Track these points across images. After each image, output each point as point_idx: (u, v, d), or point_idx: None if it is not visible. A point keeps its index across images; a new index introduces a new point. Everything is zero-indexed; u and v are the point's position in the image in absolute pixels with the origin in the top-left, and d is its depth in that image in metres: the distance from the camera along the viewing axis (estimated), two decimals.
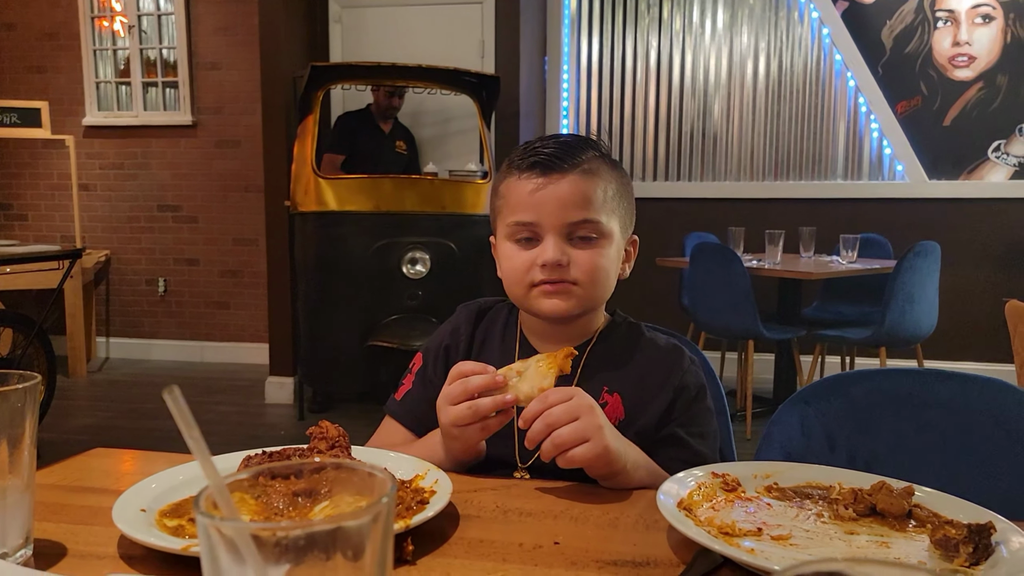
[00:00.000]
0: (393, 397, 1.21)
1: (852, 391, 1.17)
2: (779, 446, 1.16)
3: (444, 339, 1.21)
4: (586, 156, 1.10)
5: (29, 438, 0.72)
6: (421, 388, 1.18)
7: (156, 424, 4.10)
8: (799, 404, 1.18)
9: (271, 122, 4.52)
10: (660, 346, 1.16)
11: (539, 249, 1.08)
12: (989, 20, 4.80)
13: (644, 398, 1.10)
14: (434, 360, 1.20)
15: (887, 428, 1.15)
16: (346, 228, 4.01)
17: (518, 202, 1.10)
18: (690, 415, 1.11)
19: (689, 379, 1.12)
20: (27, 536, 0.73)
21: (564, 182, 1.07)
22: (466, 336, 1.20)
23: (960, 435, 1.11)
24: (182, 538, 0.74)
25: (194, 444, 0.42)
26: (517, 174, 1.10)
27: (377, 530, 0.43)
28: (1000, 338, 2.85)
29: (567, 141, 1.11)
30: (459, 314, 1.24)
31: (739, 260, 3.83)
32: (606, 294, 1.13)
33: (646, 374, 1.12)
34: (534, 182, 1.08)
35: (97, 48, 5.70)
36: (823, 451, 1.15)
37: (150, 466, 0.94)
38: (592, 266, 1.08)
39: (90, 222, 5.76)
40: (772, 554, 0.72)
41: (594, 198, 1.08)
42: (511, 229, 1.11)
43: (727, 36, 5.15)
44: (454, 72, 4.22)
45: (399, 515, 0.77)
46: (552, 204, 1.07)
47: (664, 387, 1.11)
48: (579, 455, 0.90)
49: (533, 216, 1.08)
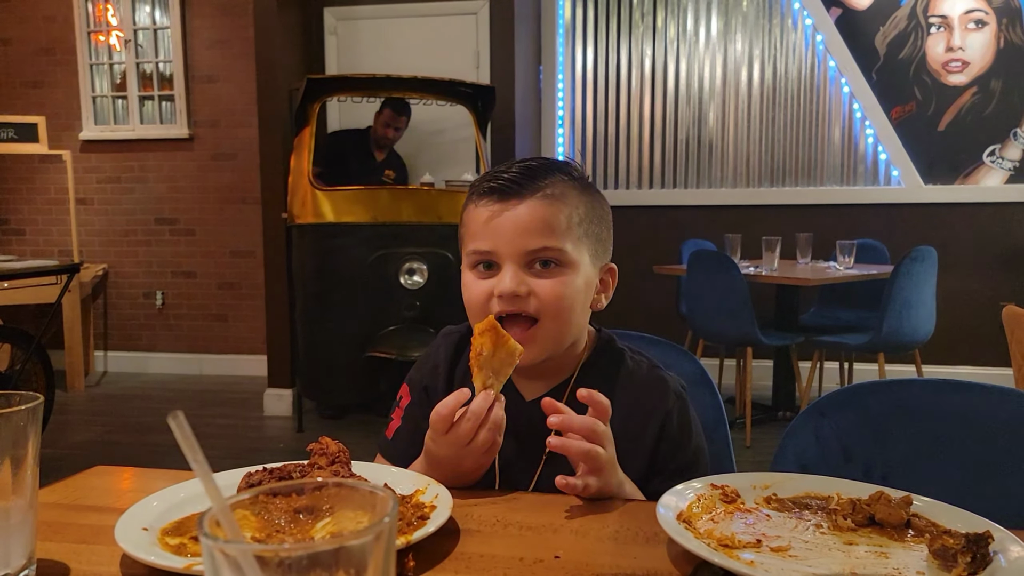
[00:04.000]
0: (384, 435, 1.17)
1: (868, 402, 1.16)
2: (794, 458, 1.15)
3: (425, 377, 1.17)
4: (549, 180, 1.04)
5: (32, 458, 0.72)
6: (410, 426, 1.13)
7: (155, 438, 4.09)
8: (814, 415, 1.16)
9: (267, 134, 4.53)
10: (642, 381, 1.10)
11: (496, 279, 1.02)
12: (982, 25, 4.83)
13: (628, 439, 1.03)
14: (419, 399, 1.15)
15: (903, 439, 1.13)
16: (343, 239, 4.02)
17: (476, 230, 1.05)
18: (677, 464, 1.05)
19: (674, 421, 1.07)
20: (30, 556, 0.74)
21: (522, 207, 1.02)
22: (444, 375, 1.15)
23: (977, 446, 1.10)
24: (184, 556, 0.74)
25: (198, 468, 0.42)
26: (476, 200, 1.06)
27: (380, 548, 0.43)
28: (998, 342, 2.86)
29: (530, 165, 1.06)
30: (438, 346, 1.19)
31: (736, 267, 3.84)
32: (573, 328, 1.06)
33: (627, 417, 1.04)
34: (490, 209, 1.03)
35: (93, 62, 5.71)
36: (838, 463, 1.14)
37: (151, 484, 0.94)
38: (553, 296, 1.01)
39: (87, 236, 5.76)
40: (772, 566, 0.73)
41: (556, 224, 1.02)
42: (470, 258, 1.06)
43: (721, 43, 5.18)
44: (449, 83, 4.23)
45: (400, 531, 0.77)
46: (509, 231, 1.02)
47: (646, 433, 1.06)
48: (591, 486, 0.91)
49: (490, 244, 1.03)
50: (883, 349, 3.84)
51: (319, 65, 5.07)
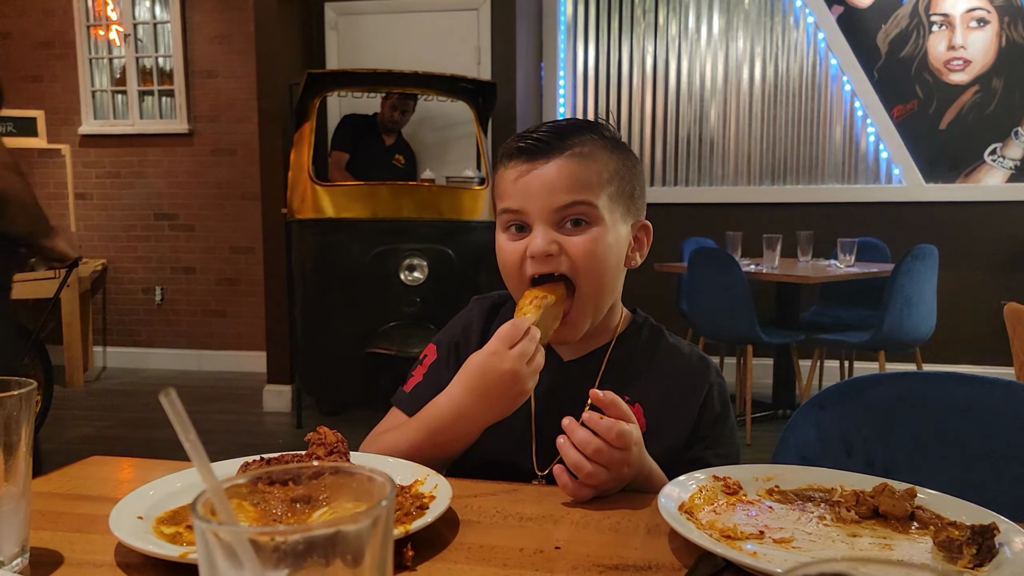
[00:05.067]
0: (402, 389, 1.17)
1: (869, 395, 1.15)
2: (795, 451, 1.14)
3: (456, 335, 1.18)
4: (578, 139, 1.04)
5: (25, 445, 0.71)
6: (431, 382, 1.13)
7: (154, 434, 4.08)
8: (815, 409, 1.16)
9: (267, 130, 4.52)
10: (685, 355, 1.12)
11: (528, 239, 1.03)
12: (984, 24, 4.82)
13: (668, 412, 1.06)
14: (446, 355, 1.16)
15: (905, 432, 1.12)
16: (343, 235, 4.00)
17: (505, 189, 1.06)
18: (717, 435, 1.08)
19: (715, 395, 1.09)
20: (23, 544, 0.73)
21: (551, 165, 1.02)
22: (477, 333, 1.16)
23: (980, 439, 1.09)
24: (179, 545, 0.73)
25: (191, 447, 0.41)
26: (505, 162, 1.07)
27: (377, 535, 0.42)
28: (999, 341, 2.85)
29: (559, 125, 1.07)
30: (472, 308, 1.21)
31: (737, 265, 3.82)
32: (609, 286, 1.06)
33: (671, 386, 1.08)
34: (519, 169, 1.04)
35: (93, 57, 5.70)
36: (840, 456, 1.13)
37: (147, 474, 0.93)
38: (585, 252, 1.02)
39: (86, 231, 5.75)
40: (774, 557, 0.72)
41: (584, 181, 1.02)
42: (501, 219, 1.07)
43: (723, 41, 5.16)
44: (450, 79, 4.22)
45: (398, 521, 0.76)
46: (538, 189, 1.02)
47: (690, 402, 1.07)
48: (584, 496, 0.90)
49: (519, 203, 1.04)
50: (884, 347, 3.83)
51: (319, 60, 5.06)
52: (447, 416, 0.99)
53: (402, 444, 1.00)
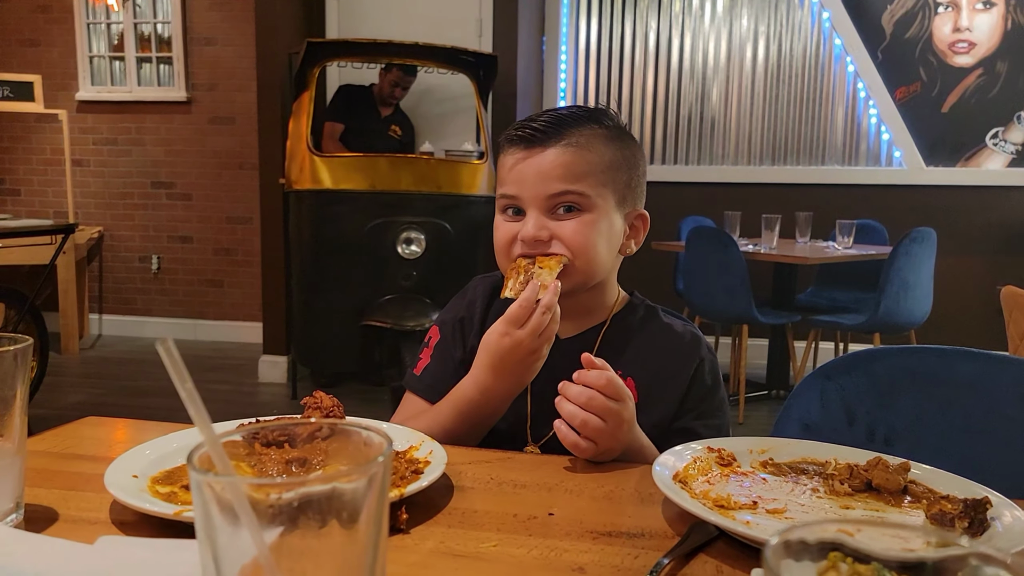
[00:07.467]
0: (412, 372, 1.20)
1: (874, 367, 1.16)
2: (797, 419, 1.16)
3: (459, 312, 1.21)
4: (576, 130, 1.08)
5: (20, 401, 0.71)
6: (440, 361, 1.18)
7: (149, 401, 4.09)
8: (820, 378, 1.17)
9: (266, 99, 4.48)
10: (678, 332, 1.15)
11: (521, 223, 1.08)
12: (990, 6, 4.78)
13: (660, 385, 1.10)
14: (451, 333, 1.19)
15: (908, 405, 1.14)
16: (341, 207, 3.99)
17: (504, 175, 1.11)
18: (706, 407, 1.11)
19: (706, 369, 1.12)
20: (18, 501, 0.73)
21: (546, 155, 1.07)
22: (480, 310, 1.20)
23: (983, 414, 1.10)
24: (175, 504, 0.74)
25: (187, 396, 0.41)
26: (505, 148, 1.12)
27: (372, 493, 0.42)
28: (995, 324, 2.86)
29: (560, 114, 1.10)
30: (475, 287, 1.24)
31: (735, 244, 3.82)
32: (599, 264, 1.10)
33: (664, 361, 1.12)
34: (516, 156, 1.09)
35: (91, 22, 5.64)
36: (841, 425, 1.15)
37: (142, 435, 0.93)
38: (575, 236, 1.06)
39: (83, 198, 5.72)
40: (767, 527, 0.72)
41: (577, 170, 1.06)
42: (499, 202, 1.12)
43: (727, 19, 5.12)
44: (451, 51, 4.18)
45: (393, 484, 0.76)
46: (532, 177, 1.07)
47: (680, 375, 1.11)
48: (585, 450, 0.91)
49: (515, 189, 1.08)
50: (879, 329, 3.84)
51: (319, 29, 5.00)
52: (474, 397, 1.04)
53: (436, 429, 1.03)
